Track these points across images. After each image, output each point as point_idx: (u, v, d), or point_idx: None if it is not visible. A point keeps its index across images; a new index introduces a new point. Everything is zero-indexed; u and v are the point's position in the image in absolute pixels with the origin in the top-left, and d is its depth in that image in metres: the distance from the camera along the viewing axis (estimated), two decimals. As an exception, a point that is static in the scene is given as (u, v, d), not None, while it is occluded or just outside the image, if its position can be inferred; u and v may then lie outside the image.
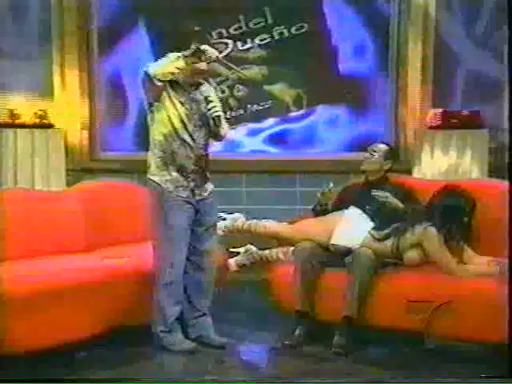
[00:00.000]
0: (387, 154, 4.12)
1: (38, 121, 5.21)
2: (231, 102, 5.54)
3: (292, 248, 3.92)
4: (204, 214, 3.66)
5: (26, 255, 3.64)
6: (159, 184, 3.56)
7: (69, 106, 5.46)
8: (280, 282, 3.91)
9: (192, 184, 3.60)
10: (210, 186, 3.71)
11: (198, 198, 3.62)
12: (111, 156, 5.62)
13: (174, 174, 3.56)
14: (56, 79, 5.44)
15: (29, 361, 3.21)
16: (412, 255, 3.67)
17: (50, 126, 5.30)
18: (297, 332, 3.72)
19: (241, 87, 5.57)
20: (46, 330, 3.26)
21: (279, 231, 4.02)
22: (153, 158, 3.59)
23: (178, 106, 3.55)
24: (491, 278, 3.43)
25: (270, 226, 4.04)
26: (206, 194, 3.67)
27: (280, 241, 4.08)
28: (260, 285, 4.09)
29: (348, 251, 3.76)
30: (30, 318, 3.20)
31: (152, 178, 3.58)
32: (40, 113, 5.23)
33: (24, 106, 5.28)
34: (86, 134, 5.57)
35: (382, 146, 4.14)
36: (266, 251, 4.21)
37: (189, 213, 3.59)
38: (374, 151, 4.10)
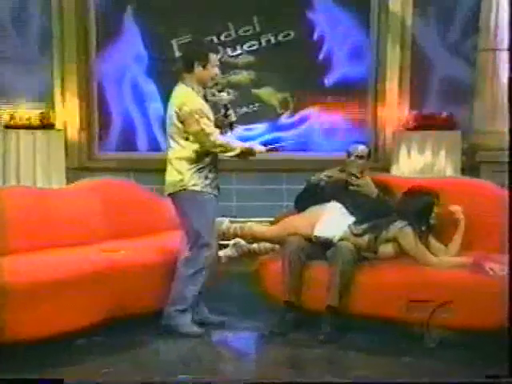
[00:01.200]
0: (368, 155, 4.17)
1: (39, 122, 5.20)
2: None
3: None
4: (216, 203, 3.79)
5: (28, 249, 3.62)
6: (199, 191, 3.65)
7: (68, 108, 5.46)
8: (268, 274, 3.92)
9: (216, 181, 3.74)
10: None
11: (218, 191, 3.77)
12: (109, 155, 5.62)
13: (207, 178, 3.67)
14: (56, 82, 5.43)
15: (28, 346, 3.20)
16: (387, 250, 3.71)
17: (51, 127, 5.28)
18: (284, 320, 3.74)
19: (230, 91, 5.57)
20: (45, 319, 3.25)
21: (265, 232, 4.03)
22: (188, 171, 3.64)
23: (213, 121, 3.69)
24: (465, 268, 3.47)
25: (256, 228, 4.05)
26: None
27: (266, 241, 4.09)
28: (249, 276, 4.09)
29: (329, 243, 3.78)
30: (31, 309, 3.19)
31: (192, 188, 3.64)
32: (41, 115, 5.21)
33: (26, 108, 5.26)
34: (84, 134, 5.57)
35: (363, 148, 4.15)
36: (254, 244, 4.21)
37: (214, 205, 3.73)
38: (358, 156, 4.10)
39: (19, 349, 3.16)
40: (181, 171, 3.65)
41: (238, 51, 5.55)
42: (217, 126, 3.73)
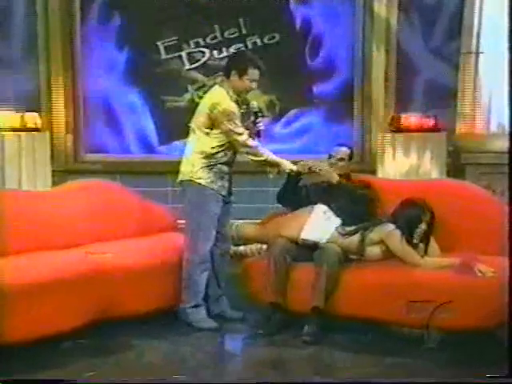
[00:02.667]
0: (350, 157, 4.21)
1: (25, 125, 5.19)
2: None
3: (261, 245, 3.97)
4: (229, 206, 3.98)
5: (14, 251, 3.60)
6: (204, 185, 3.80)
7: (54, 110, 5.45)
8: (254, 275, 3.94)
9: (227, 184, 3.89)
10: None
11: (229, 194, 3.92)
12: (94, 158, 5.63)
13: (217, 177, 3.83)
14: (41, 84, 5.42)
15: (13, 349, 3.20)
16: (374, 252, 3.73)
17: (37, 129, 5.27)
18: (270, 322, 3.76)
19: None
20: (31, 322, 3.26)
21: (251, 234, 4.08)
22: (199, 164, 3.81)
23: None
24: (451, 268, 3.48)
25: (243, 230, 4.10)
26: (231, 191, 3.98)
27: (254, 242, 4.13)
28: (235, 277, 4.12)
29: (316, 245, 3.82)
30: (16, 311, 3.19)
31: (198, 180, 3.81)
32: (27, 117, 5.21)
33: (11, 110, 5.25)
34: (70, 136, 5.57)
35: (345, 150, 4.19)
36: (241, 247, 4.25)
37: (221, 205, 3.87)
38: (341, 158, 4.14)
39: (3, 351, 3.15)
40: (193, 163, 3.82)
41: (224, 53, 5.57)
42: None
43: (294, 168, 3.92)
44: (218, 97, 3.82)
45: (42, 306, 3.30)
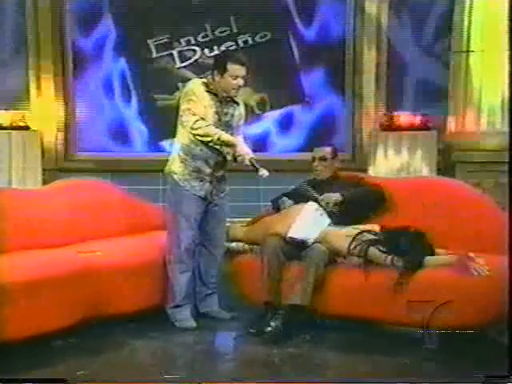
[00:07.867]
0: (334, 155, 4.12)
1: (15, 123, 5.16)
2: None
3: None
4: (218, 209, 3.87)
5: (4, 250, 3.58)
6: (177, 181, 3.74)
7: (44, 109, 5.42)
8: (247, 274, 3.93)
9: (207, 186, 3.76)
10: (226, 188, 3.90)
11: (212, 196, 3.80)
12: (85, 156, 5.60)
13: (193, 176, 3.73)
14: (32, 83, 5.40)
15: (3, 347, 3.15)
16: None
17: (27, 128, 5.25)
18: (262, 320, 3.73)
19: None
20: (21, 320, 3.22)
21: (242, 234, 4.07)
22: (176, 157, 3.77)
23: (210, 115, 3.69)
24: (449, 267, 3.41)
25: (233, 231, 4.09)
26: (222, 194, 3.87)
27: (244, 241, 4.12)
28: (226, 276, 4.11)
29: (304, 244, 3.79)
30: (5, 310, 3.16)
31: (174, 175, 3.76)
32: (17, 115, 5.18)
33: (1, 109, 5.22)
34: (61, 135, 5.54)
35: (328, 150, 4.10)
36: (232, 244, 4.23)
37: (200, 206, 3.77)
38: (324, 159, 4.07)
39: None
40: (173, 156, 3.78)
41: (216, 52, 5.55)
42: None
43: (249, 155, 3.66)
44: (190, 83, 3.80)
45: (33, 304, 3.27)
